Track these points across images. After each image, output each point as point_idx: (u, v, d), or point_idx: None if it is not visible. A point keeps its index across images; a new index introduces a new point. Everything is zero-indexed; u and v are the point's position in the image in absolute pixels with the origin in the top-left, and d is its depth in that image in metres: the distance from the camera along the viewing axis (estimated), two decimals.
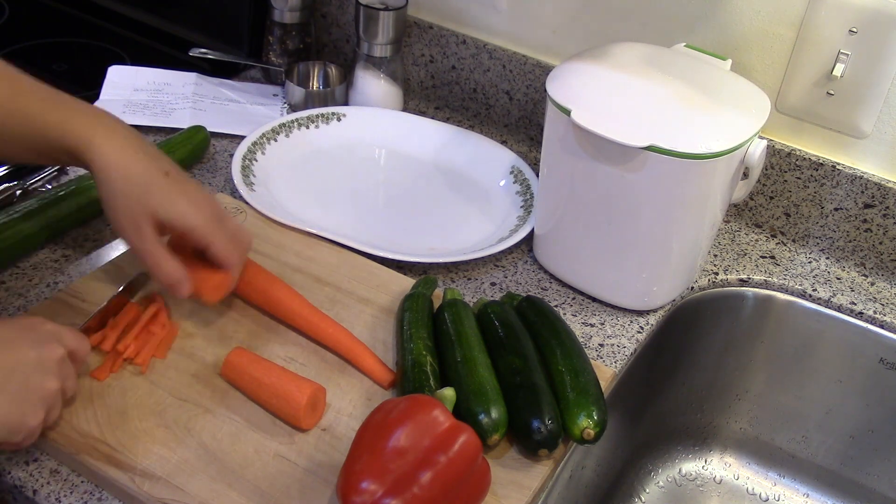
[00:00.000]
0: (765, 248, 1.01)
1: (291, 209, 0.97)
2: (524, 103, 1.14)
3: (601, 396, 0.72)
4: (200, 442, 0.69)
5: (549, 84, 0.83)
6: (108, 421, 0.70)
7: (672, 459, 1.07)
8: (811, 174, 0.97)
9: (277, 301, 0.80)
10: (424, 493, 0.59)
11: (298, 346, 0.79)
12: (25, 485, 0.67)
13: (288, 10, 1.15)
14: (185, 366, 0.75)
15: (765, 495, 1.05)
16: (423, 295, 0.82)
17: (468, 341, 0.75)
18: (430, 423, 0.62)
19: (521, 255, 0.96)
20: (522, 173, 1.04)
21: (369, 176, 1.06)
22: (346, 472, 0.61)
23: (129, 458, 0.67)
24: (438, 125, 1.12)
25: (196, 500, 0.65)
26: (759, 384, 1.03)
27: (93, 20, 1.32)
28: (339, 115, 1.11)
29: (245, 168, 0.99)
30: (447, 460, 0.60)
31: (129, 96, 1.12)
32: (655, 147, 0.76)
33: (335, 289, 0.86)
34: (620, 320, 0.89)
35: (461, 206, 1.02)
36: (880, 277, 0.98)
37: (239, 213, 0.93)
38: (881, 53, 0.89)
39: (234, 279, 0.77)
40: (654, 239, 0.83)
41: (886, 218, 0.95)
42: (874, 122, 0.93)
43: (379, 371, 0.76)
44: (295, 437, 0.71)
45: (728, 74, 0.86)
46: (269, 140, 1.05)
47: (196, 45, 1.18)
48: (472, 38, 1.13)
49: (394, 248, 0.91)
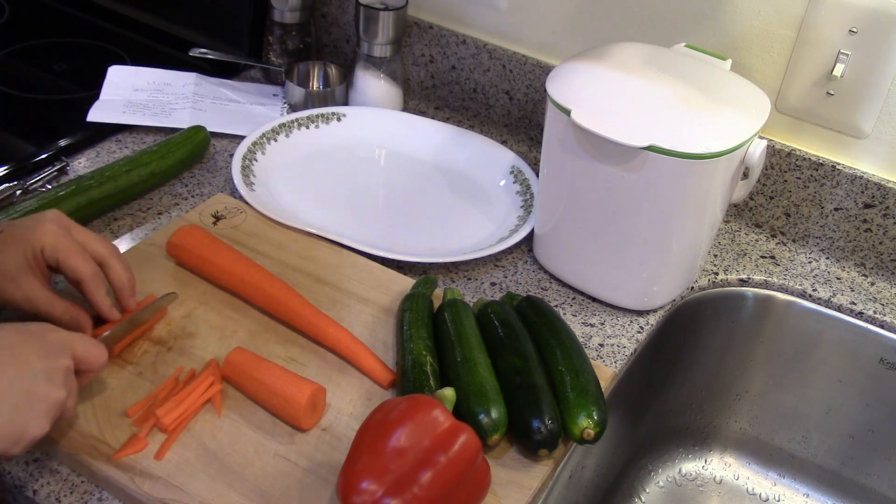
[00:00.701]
0: (765, 248, 1.01)
1: (291, 209, 0.97)
2: (524, 103, 1.14)
3: (601, 396, 0.72)
4: (200, 442, 0.69)
5: (549, 84, 0.83)
6: (108, 421, 0.70)
7: (672, 459, 1.07)
8: (811, 174, 0.97)
9: (277, 301, 0.80)
10: (424, 493, 0.59)
11: (298, 346, 0.79)
12: (25, 485, 0.67)
13: (288, 10, 1.15)
14: (185, 365, 0.75)
15: (765, 495, 1.05)
16: (423, 295, 0.82)
17: (468, 341, 0.75)
18: (430, 423, 0.62)
19: (521, 255, 0.96)
20: (522, 173, 1.04)
21: (369, 176, 1.06)
22: (346, 472, 0.60)
23: (130, 458, 0.67)
24: (438, 125, 1.12)
25: (196, 499, 0.65)
26: (759, 384, 1.03)
27: (93, 20, 1.32)
28: (340, 115, 1.11)
29: (245, 168, 0.99)
30: (447, 460, 0.60)
31: (128, 96, 1.12)
32: (655, 147, 0.76)
33: (335, 289, 0.85)
34: (620, 320, 0.89)
35: (461, 206, 1.02)
36: (880, 277, 0.98)
37: (239, 213, 0.93)
38: (881, 53, 0.89)
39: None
40: (654, 239, 0.83)
41: (886, 218, 0.95)
42: (874, 122, 0.93)
43: (379, 371, 0.76)
44: (295, 437, 0.71)
45: (728, 74, 0.86)
46: (269, 140, 1.05)
47: (196, 45, 1.18)
48: (472, 38, 1.13)
49: (394, 248, 0.91)
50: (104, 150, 1.04)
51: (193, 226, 0.86)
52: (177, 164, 0.99)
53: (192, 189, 0.99)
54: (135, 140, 1.06)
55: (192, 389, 0.71)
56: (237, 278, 0.82)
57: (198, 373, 0.74)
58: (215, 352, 0.77)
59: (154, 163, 0.96)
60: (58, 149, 1.01)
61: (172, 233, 0.85)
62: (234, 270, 0.82)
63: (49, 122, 1.08)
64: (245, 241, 0.90)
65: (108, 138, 1.06)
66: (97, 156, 1.02)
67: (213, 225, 0.91)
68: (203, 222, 0.92)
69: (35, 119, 1.09)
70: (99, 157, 1.02)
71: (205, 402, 0.72)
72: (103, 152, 1.03)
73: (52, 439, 0.68)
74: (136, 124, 1.07)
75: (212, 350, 0.77)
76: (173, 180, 1.00)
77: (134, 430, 0.69)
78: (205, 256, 0.84)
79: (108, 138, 1.05)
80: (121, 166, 0.94)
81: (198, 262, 0.84)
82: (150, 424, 0.69)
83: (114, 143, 1.05)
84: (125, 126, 1.07)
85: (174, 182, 1.00)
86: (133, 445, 0.67)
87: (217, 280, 0.84)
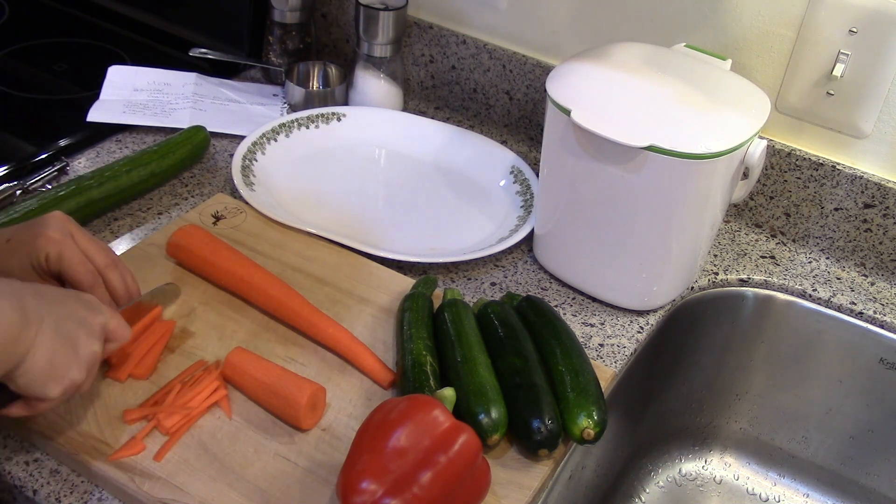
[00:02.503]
0: (765, 248, 1.01)
1: (291, 209, 0.97)
2: (524, 103, 1.14)
3: (601, 396, 0.72)
4: (200, 442, 0.69)
5: (549, 84, 0.83)
6: (109, 421, 0.70)
7: (672, 459, 1.07)
8: (811, 174, 0.97)
9: (277, 301, 0.80)
10: (424, 493, 0.59)
11: (298, 346, 0.79)
12: (25, 485, 0.67)
13: (288, 10, 1.15)
14: (185, 365, 0.75)
15: (765, 495, 1.05)
16: (423, 295, 0.82)
17: (468, 341, 0.75)
18: (430, 423, 0.62)
19: (521, 255, 0.96)
20: (522, 173, 1.04)
21: (369, 176, 1.06)
22: (346, 472, 0.61)
23: (129, 458, 0.67)
24: (438, 125, 1.12)
25: (196, 499, 0.65)
26: (759, 384, 1.03)
27: (93, 20, 1.32)
28: (340, 115, 1.11)
29: (245, 168, 0.99)
30: (447, 460, 0.60)
31: (129, 96, 1.12)
32: (655, 147, 0.76)
33: (335, 289, 0.85)
34: (620, 320, 0.89)
35: (461, 206, 1.02)
36: (880, 277, 0.98)
37: (239, 213, 0.93)
38: (881, 53, 0.89)
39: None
40: (654, 239, 0.83)
41: (886, 218, 0.95)
42: (874, 122, 0.93)
43: (379, 371, 0.76)
44: (295, 436, 0.71)
45: (728, 74, 0.86)
46: (269, 140, 1.05)
47: (196, 45, 1.18)
48: (472, 38, 1.13)
49: (394, 248, 0.91)
50: (104, 150, 1.04)
51: (193, 226, 0.86)
52: (177, 164, 0.99)
53: (192, 189, 0.99)
54: (135, 140, 1.06)
55: (196, 394, 0.71)
56: (237, 278, 0.82)
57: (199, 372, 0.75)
58: (215, 352, 0.77)
59: (154, 163, 0.96)
60: (58, 149, 1.01)
61: (172, 233, 0.85)
62: (234, 270, 0.82)
63: (49, 122, 1.08)
64: (245, 240, 0.90)
65: (108, 138, 1.05)
66: (97, 156, 1.02)
67: (213, 225, 0.91)
68: (203, 222, 0.92)
69: (35, 119, 1.09)
70: (99, 157, 1.02)
71: (208, 406, 0.72)
72: (103, 152, 1.03)
73: (52, 439, 0.68)
74: (136, 124, 1.07)
75: (212, 350, 0.77)
76: (173, 180, 1.00)
77: (134, 430, 0.69)
78: (205, 256, 0.84)
79: (108, 138, 1.05)
80: (121, 166, 0.94)
81: (198, 262, 0.84)
82: (151, 426, 0.69)
83: (114, 143, 1.05)
84: (125, 126, 1.07)
85: (174, 182, 1.00)
86: (131, 447, 0.68)
87: (217, 280, 0.84)
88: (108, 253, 0.74)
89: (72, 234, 0.72)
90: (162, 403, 0.71)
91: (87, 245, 0.73)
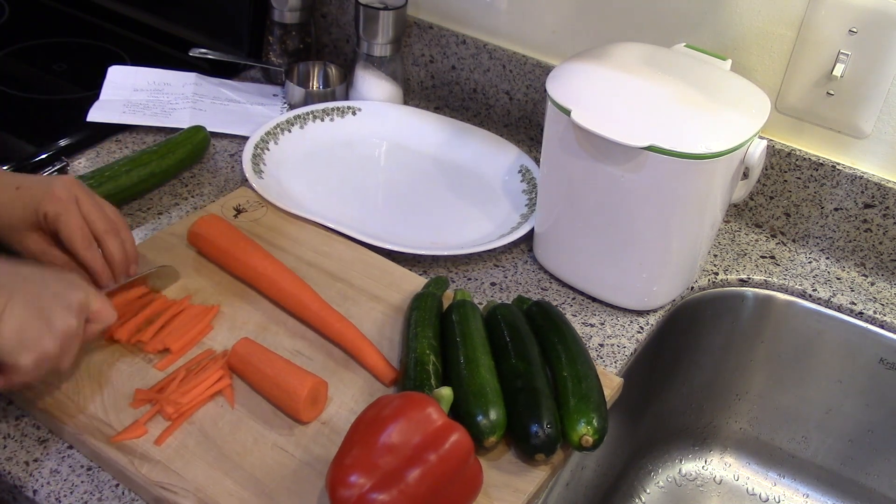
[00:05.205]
0: (765, 248, 1.01)
1: (302, 203, 0.98)
2: (524, 103, 1.14)
3: (603, 404, 0.71)
4: (201, 428, 0.70)
5: (549, 84, 0.83)
6: (115, 404, 0.71)
7: (672, 459, 1.07)
8: (811, 174, 0.97)
9: (288, 293, 0.82)
10: (412, 489, 0.59)
11: (306, 339, 0.80)
12: (25, 485, 0.67)
13: (288, 10, 1.15)
14: (194, 353, 0.76)
15: (765, 495, 1.05)
16: (432, 295, 0.82)
17: (472, 342, 0.75)
18: (423, 420, 0.62)
19: (521, 254, 0.96)
20: (529, 171, 1.04)
21: (378, 171, 1.07)
22: (336, 465, 0.61)
23: (131, 441, 0.68)
24: (446, 120, 1.12)
25: (192, 485, 0.65)
26: (759, 384, 1.03)
27: (93, 20, 1.32)
28: (355, 108, 1.11)
29: (256, 156, 1.00)
30: (437, 458, 0.60)
31: (128, 96, 1.12)
32: (655, 147, 0.76)
33: (348, 285, 0.86)
34: (620, 320, 0.89)
35: (467, 201, 1.02)
36: (880, 277, 0.98)
37: (260, 207, 0.94)
38: (881, 53, 0.89)
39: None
40: (654, 239, 0.83)
41: (886, 218, 0.95)
42: (874, 122, 0.93)
43: (382, 368, 0.77)
44: (294, 429, 0.71)
45: (728, 74, 0.86)
46: (282, 131, 1.06)
47: (196, 45, 1.18)
48: (472, 38, 1.13)
49: (399, 242, 0.92)
50: (104, 150, 1.04)
51: (215, 216, 0.88)
52: (177, 164, 0.99)
53: (191, 189, 1.00)
54: (135, 140, 1.06)
55: (201, 381, 0.72)
56: (252, 269, 0.83)
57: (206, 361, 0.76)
58: (224, 341, 0.78)
59: (154, 163, 0.96)
60: (58, 149, 1.01)
61: (193, 222, 0.87)
62: (249, 262, 0.84)
63: (49, 122, 1.08)
64: (263, 234, 0.91)
65: (108, 138, 1.06)
66: (97, 156, 1.02)
67: (234, 217, 0.93)
68: (225, 214, 0.93)
69: (35, 119, 1.09)
70: (99, 157, 1.02)
71: (212, 395, 0.73)
72: (103, 152, 1.03)
73: (57, 419, 0.69)
74: (136, 124, 1.07)
75: (221, 339, 0.78)
76: (173, 180, 1.00)
77: (138, 414, 0.70)
78: (223, 246, 0.85)
79: (107, 138, 1.05)
80: (121, 166, 0.94)
81: (216, 252, 0.86)
82: (154, 411, 0.70)
83: (114, 143, 1.05)
84: (125, 126, 1.07)
85: (174, 182, 1.00)
86: (133, 431, 0.69)
87: (233, 270, 0.85)
88: (112, 220, 0.77)
89: (77, 197, 0.74)
90: (167, 389, 0.72)
91: (89, 210, 0.75)
